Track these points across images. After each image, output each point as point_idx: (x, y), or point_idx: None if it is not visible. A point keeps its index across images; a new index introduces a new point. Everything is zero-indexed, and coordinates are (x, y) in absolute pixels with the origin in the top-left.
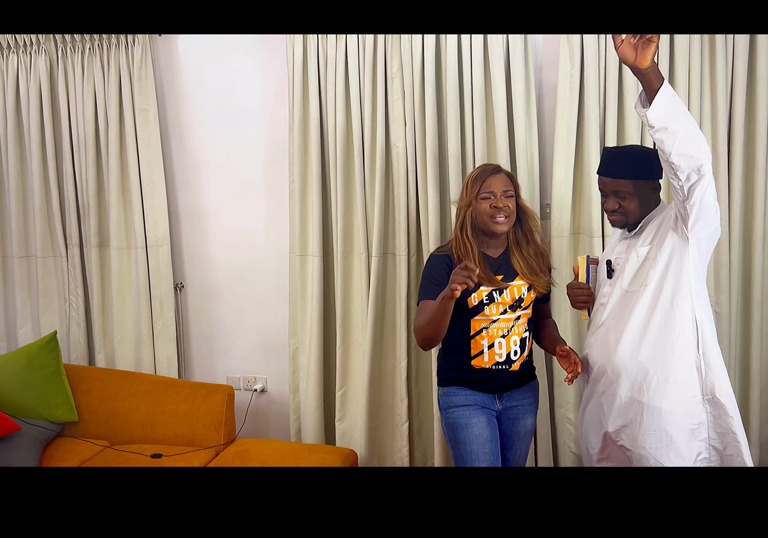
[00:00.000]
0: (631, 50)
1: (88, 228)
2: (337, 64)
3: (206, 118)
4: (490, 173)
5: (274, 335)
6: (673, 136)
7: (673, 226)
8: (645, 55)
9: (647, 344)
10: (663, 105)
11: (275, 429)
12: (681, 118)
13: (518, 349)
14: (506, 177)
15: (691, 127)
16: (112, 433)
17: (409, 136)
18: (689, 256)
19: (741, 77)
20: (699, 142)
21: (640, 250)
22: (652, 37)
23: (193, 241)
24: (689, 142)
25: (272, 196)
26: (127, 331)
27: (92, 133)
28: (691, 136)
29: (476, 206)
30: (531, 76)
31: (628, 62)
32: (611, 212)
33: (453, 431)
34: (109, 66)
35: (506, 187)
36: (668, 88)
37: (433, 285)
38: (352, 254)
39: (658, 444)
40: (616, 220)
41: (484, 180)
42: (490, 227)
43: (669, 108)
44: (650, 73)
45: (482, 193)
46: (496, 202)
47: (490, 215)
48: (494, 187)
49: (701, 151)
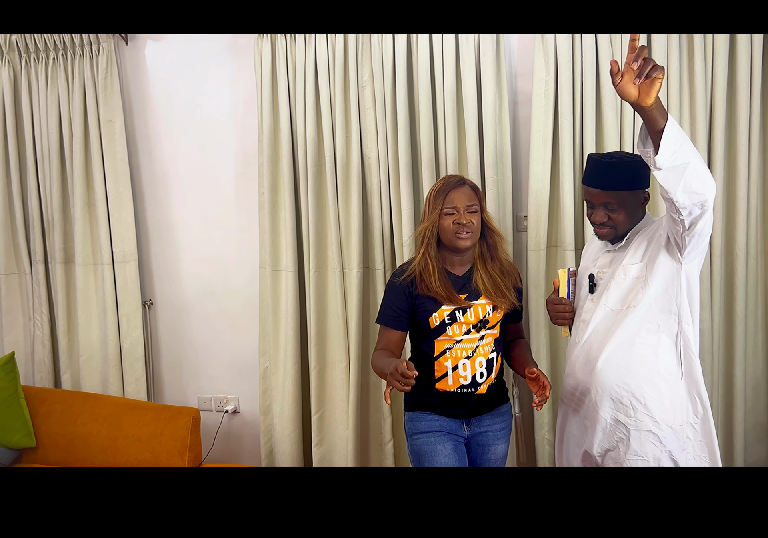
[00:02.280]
0: (633, 88)
1: (53, 244)
2: (306, 72)
3: (175, 129)
4: (453, 187)
5: (247, 354)
6: (680, 175)
7: (666, 248)
8: (649, 93)
9: (632, 367)
10: (671, 146)
11: (248, 452)
12: (688, 155)
13: (484, 371)
14: (470, 190)
15: (697, 161)
16: (72, 459)
17: (381, 146)
18: (681, 280)
19: (721, 80)
20: (704, 177)
21: (629, 268)
22: (657, 75)
23: (162, 257)
24: (695, 179)
25: (243, 209)
26: (93, 350)
27: (56, 145)
28: (697, 172)
29: (439, 223)
30: (503, 83)
31: (630, 100)
32: (599, 225)
33: (418, 459)
34: (73, 76)
35: (470, 201)
36: (674, 125)
37: (393, 310)
38: (326, 269)
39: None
40: (604, 233)
41: (447, 194)
42: (454, 243)
43: (676, 147)
44: (654, 110)
45: (445, 208)
46: (459, 218)
47: (454, 232)
48: (457, 202)
49: (707, 185)
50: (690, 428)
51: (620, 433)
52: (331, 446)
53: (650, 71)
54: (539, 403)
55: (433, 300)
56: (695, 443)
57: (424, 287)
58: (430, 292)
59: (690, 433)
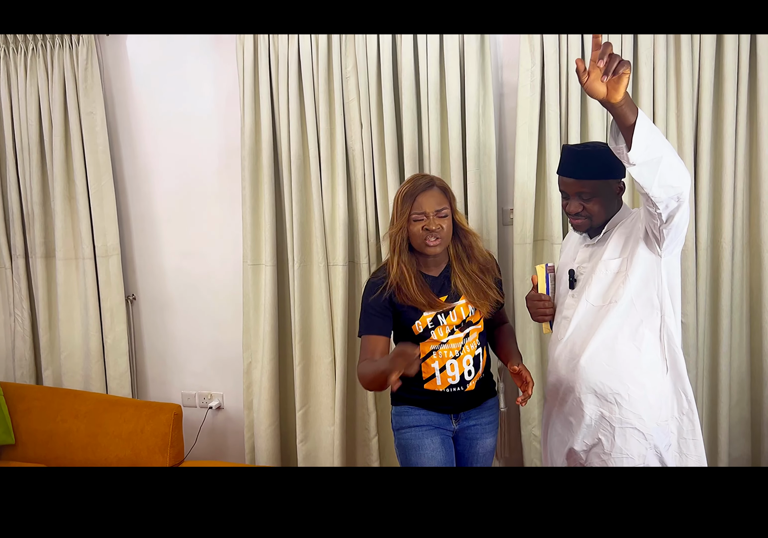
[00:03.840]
0: (601, 86)
1: (33, 238)
2: (290, 62)
3: (157, 121)
4: (422, 190)
5: (231, 349)
6: (654, 169)
7: (645, 241)
8: (618, 89)
9: (616, 363)
10: (643, 141)
11: (232, 448)
12: (661, 149)
13: (472, 368)
14: (440, 192)
15: (670, 154)
16: (52, 456)
17: (365, 138)
18: (662, 273)
19: (708, 75)
20: (679, 170)
21: (609, 263)
22: (625, 71)
23: (145, 251)
24: (670, 172)
25: (226, 203)
26: (75, 346)
27: (36, 138)
28: (671, 165)
29: (408, 228)
30: (488, 74)
31: (598, 98)
32: (574, 215)
33: (404, 453)
34: (53, 67)
35: (439, 205)
36: (644, 120)
37: (374, 317)
38: (311, 264)
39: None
40: (579, 224)
41: (415, 199)
42: (423, 250)
43: (648, 141)
44: (624, 106)
45: (413, 214)
46: (428, 224)
47: (423, 238)
48: (426, 207)
49: (681, 178)
50: (675, 423)
51: (605, 430)
52: (316, 442)
53: (617, 67)
54: (523, 400)
55: (413, 309)
56: (680, 440)
57: (404, 297)
58: (411, 301)
59: (675, 429)
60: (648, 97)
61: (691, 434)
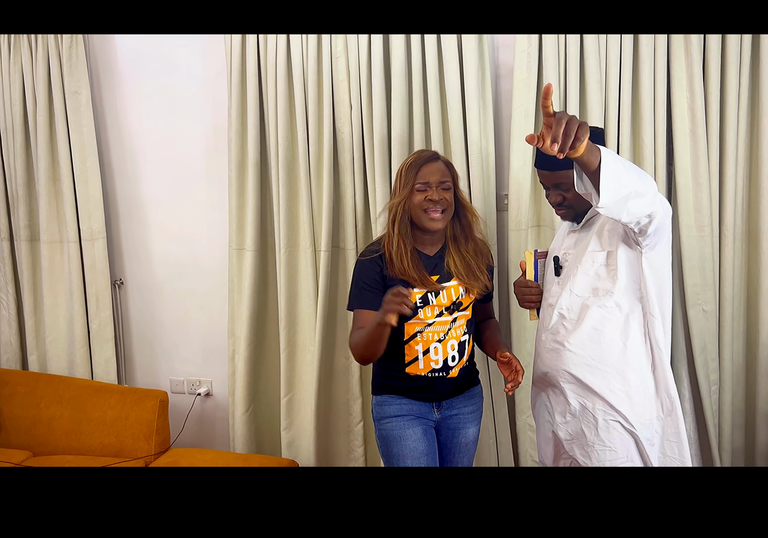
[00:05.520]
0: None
1: (18, 220)
2: (278, 41)
3: (144, 101)
4: (426, 161)
5: (220, 335)
6: (623, 205)
7: (623, 240)
8: (577, 149)
9: (601, 357)
10: (611, 185)
11: (220, 436)
12: (628, 184)
13: (456, 354)
14: (444, 166)
15: (638, 185)
16: (35, 442)
17: (355, 120)
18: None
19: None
20: (647, 199)
21: (596, 256)
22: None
23: (131, 235)
24: (637, 203)
25: (214, 186)
26: (60, 331)
27: (20, 118)
28: (638, 194)
29: (410, 198)
30: (485, 55)
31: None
32: (557, 206)
33: (386, 445)
34: (36, 45)
35: (443, 177)
36: (608, 160)
37: (365, 291)
38: (298, 249)
39: (614, 461)
40: (564, 214)
41: (419, 169)
42: (423, 223)
43: (616, 184)
44: (585, 156)
45: (417, 183)
46: (431, 195)
47: (424, 209)
48: (429, 178)
49: (649, 201)
50: (660, 423)
51: (587, 421)
52: (299, 430)
53: (573, 142)
54: (511, 388)
55: (404, 283)
56: (665, 442)
57: (396, 270)
58: (403, 275)
59: (659, 428)
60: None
61: (675, 436)
